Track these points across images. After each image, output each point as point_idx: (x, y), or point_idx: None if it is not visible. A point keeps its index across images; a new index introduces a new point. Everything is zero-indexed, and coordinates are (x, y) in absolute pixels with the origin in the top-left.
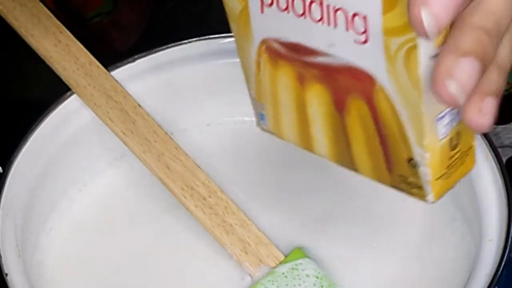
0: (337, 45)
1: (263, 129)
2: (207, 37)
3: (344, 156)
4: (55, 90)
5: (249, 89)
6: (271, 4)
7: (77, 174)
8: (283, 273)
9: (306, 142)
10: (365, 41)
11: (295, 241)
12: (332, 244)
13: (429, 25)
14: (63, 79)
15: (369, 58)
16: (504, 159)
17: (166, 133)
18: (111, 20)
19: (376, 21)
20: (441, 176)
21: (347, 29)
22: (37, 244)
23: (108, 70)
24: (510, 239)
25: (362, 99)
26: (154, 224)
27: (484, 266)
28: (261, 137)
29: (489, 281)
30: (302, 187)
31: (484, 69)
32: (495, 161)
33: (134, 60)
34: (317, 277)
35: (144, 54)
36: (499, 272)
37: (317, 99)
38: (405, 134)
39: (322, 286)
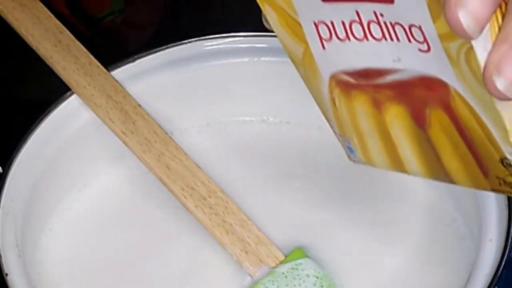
0: (404, 58)
1: (354, 162)
2: (207, 37)
3: (438, 170)
4: (55, 90)
5: (332, 128)
6: (330, 38)
7: (77, 174)
8: (283, 273)
9: (399, 165)
10: (428, 49)
11: (295, 241)
12: (332, 244)
13: (469, 26)
14: (63, 79)
15: (436, 65)
16: None
17: (166, 133)
18: (123, 19)
19: (430, 29)
20: None
21: (409, 40)
22: (37, 244)
23: (108, 70)
24: (510, 239)
25: (440, 109)
26: (154, 224)
27: (484, 266)
28: (261, 136)
29: (489, 281)
30: (303, 187)
31: None
32: None
33: (134, 60)
34: (317, 277)
35: (144, 54)
36: (499, 272)
37: (396, 120)
38: (491, 135)
39: (322, 286)
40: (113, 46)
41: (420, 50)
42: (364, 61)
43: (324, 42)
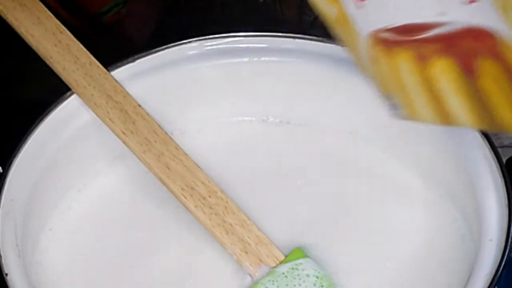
0: (449, 11)
1: (399, 117)
2: (207, 37)
3: (488, 119)
4: (55, 90)
5: (375, 85)
6: None
7: (77, 174)
8: (283, 273)
9: (446, 118)
10: (472, 0)
11: (295, 241)
12: (333, 244)
13: None
14: (63, 79)
15: (484, 15)
16: (504, 159)
17: (166, 133)
18: (128, 11)
19: None
20: None
21: None
22: (37, 244)
23: (108, 70)
24: (510, 239)
25: (490, 58)
26: (153, 224)
27: (484, 266)
28: (261, 136)
29: (489, 281)
30: (303, 187)
31: None
32: (495, 161)
33: (134, 60)
34: (317, 277)
35: (144, 54)
36: (499, 272)
37: (444, 73)
38: None
39: (322, 286)
40: (116, 41)
41: (463, 2)
42: (407, 17)
43: (360, 1)
